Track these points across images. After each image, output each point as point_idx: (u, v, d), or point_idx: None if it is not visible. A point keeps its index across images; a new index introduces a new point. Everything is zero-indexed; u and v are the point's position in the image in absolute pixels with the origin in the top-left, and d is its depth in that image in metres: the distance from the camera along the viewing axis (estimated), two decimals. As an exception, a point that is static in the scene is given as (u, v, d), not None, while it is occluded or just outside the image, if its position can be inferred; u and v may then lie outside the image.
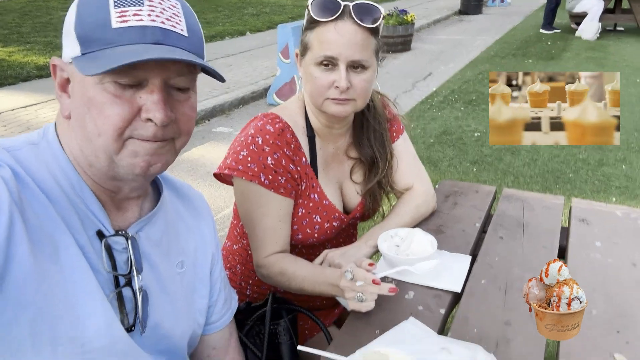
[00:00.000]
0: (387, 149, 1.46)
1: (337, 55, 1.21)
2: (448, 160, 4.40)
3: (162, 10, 0.79)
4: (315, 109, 1.34)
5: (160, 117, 0.77)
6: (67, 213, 0.80)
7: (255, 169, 1.28)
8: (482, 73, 7.41)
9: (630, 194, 3.77)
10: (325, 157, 1.41)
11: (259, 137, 1.29)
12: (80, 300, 0.78)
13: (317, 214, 1.37)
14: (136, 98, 0.78)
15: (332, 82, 1.23)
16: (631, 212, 1.59)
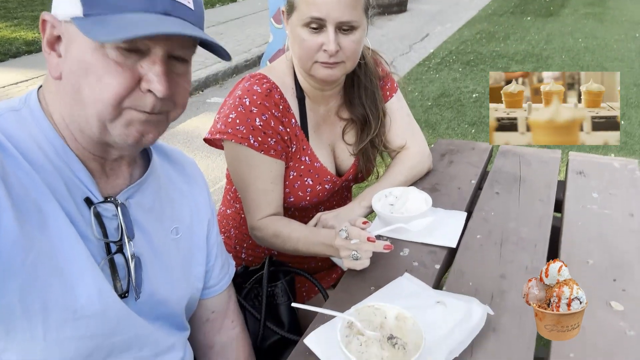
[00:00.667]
0: (379, 107, 1.43)
1: (325, 16, 1.16)
2: (446, 122, 4.37)
3: None
4: (301, 71, 1.31)
5: (162, 90, 0.75)
6: (53, 180, 0.78)
7: (244, 131, 1.25)
8: (480, 32, 7.28)
9: (629, 150, 3.75)
10: (316, 119, 1.39)
11: (246, 98, 1.26)
12: (70, 267, 0.77)
13: (308, 176, 1.35)
14: (137, 67, 0.75)
15: (320, 45, 1.19)
16: (628, 163, 1.57)
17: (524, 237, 1.23)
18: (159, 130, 0.83)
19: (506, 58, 6.06)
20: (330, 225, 1.29)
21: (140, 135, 0.79)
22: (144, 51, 0.75)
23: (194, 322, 1.11)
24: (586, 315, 0.95)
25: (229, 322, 1.14)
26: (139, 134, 0.79)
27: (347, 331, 0.89)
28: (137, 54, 0.75)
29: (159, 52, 0.75)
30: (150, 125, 0.80)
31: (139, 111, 0.77)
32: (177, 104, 0.83)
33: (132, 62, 0.75)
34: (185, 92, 0.84)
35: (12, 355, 0.75)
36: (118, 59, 0.74)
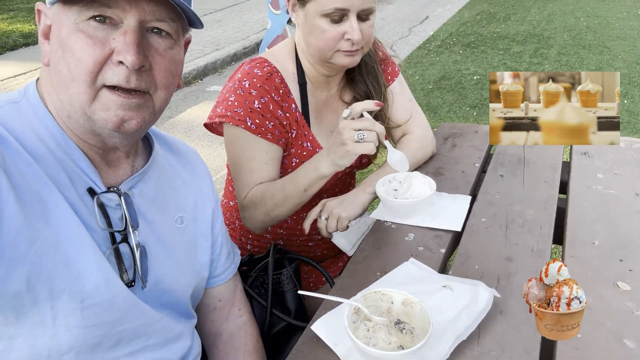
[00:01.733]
0: (381, 82, 1.42)
1: (349, 6, 1.16)
2: (448, 105, 4.34)
3: None
4: (319, 60, 1.29)
5: (131, 59, 0.74)
6: (54, 171, 0.78)
7: (242, 113, 1.24)
8: (480, 14, 7.21)
9: (633, 128, 3.73)
10: (318, 105, 1.38)
11: (246, 80, 1.26)
12: (76, 256, 0.77)
13: None
14: (109, 40, 0.75)
15: (342, 34, 1.19)
16: (634, 142, 1.55)
17: (529, 219, 1.23)
18: (142, 116, 0.81)
19: (507, 39, 6.00)
20: (336, 212, 1.28)
21: (119, 120, 0.78)
22: (116, 22, 0.76)
23: (201, 310, 1.11)
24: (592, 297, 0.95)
25: (236, 310, 1.15)
26: (118, 118, 0.78)
27: (355, 317, 0.89)
28: (109, 26, 0.75)
29: (130, 22, 0.76)
30: (131, 110, 0.79)
31: (115, 92, 0.77)
32: (158, 84, 0.81)
33: (104, 35, 0.75)
34: (168, 72, 0.82)
35: (22, 341, 0.75)
36: (89, 32, 0.75)
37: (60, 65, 0.77)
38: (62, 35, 0.76)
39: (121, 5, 0.74)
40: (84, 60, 0.75)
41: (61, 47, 0.76)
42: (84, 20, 0.75)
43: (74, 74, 0.76)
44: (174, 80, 0.86)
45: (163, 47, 0.80)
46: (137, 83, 0.78)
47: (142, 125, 0.82)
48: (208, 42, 6.14)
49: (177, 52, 0.84)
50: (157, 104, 0.83)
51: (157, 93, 0.82)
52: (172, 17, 0.80)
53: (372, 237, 1.21)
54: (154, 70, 0.80)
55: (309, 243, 1.51)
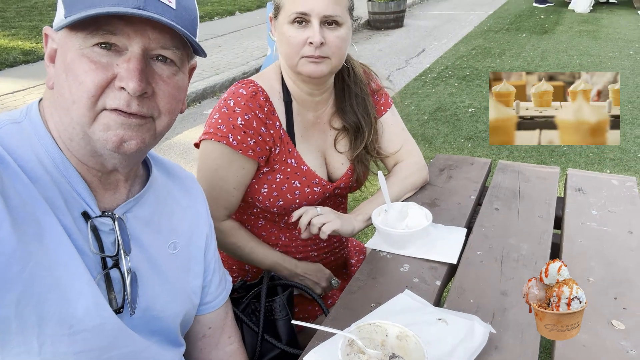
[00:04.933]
0: (371, 114, 1.45)
1: (309, 10, 1.20)
2: (443, 136, 4.38)
3: None
4: (294, 75, 1.32)
5: (133, 86, 0.75)
6: (51, 193, 0.78)
7: (225, 130, 1.26)
8: (476, 48, 7.35)
9: (624, 166, 3.77)
10: (304, 124, 1.39)
11: (231, 99, 1.28)
12: (67, 281, 0.77)
13: (295, 179, 1.35)
14: (113, 65, 0.76)
15: (305, 39, 1.22)
16: (627, 180, 1.57)
17: (524, 253, 1.23)
18: (143, 137, 0.80)
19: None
20: (332, 216, 1.31)
21: (119, 140, 0.78)
22: (121, 49, 0.76)
23: (190, 338, 1.09)
24: (588, 334, 0.95)
25: (226, 337, 1.13)
26: (118, 138, 0.78)
27: (348, 349, 0.88)
28: (114, 53, 0.76)
29: (135, 49, 0.76)
30: (131, 130, 0.78)
31: (116, 112, 0.77)
32: (162, 110, 0.82)
33: (108, 60, 0.76)
34: (171, 97, 0.82)
35: None
36: (93, 58, 0.75)
37: (64, 89, 0.77)
38: (67, 59, 0.77)
39: (126, 32, 0.75)
40: (86, 83, 0.75)
41: (65, 71, 0.77)
42: (89, 46, 0.75)
43: (75, 97, 0.76)
44: (178, 105, 0.86)
45: (167, 74, 0.81)
46: (138, 108, 0.78)
47: (141, 147, 0.81)
48: (208, 66, 6.21)
49: (181, 78, 0.85)
50: (159, 127, 0.83)
51: (160, 118, 0.83)
52: (176, 46, 0.80)
53: (367, 267, 1.20)
54: (157, 96, 0.80)
55: (306, 261, 1.50)
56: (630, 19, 8.97)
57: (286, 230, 1.44)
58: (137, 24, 0.76)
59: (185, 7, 0.81)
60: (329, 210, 1.34)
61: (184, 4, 0.81)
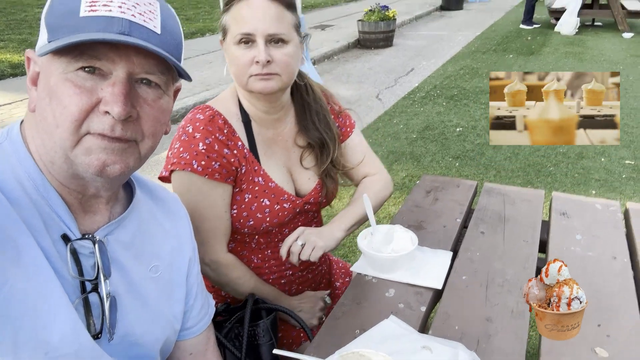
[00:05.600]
0: (333, 129, 1.46)
1: (253, 30, 1.21)
2: (431, 155, 4.41)
3: (135, 5, 0.77)
4: (247, 94, 1.34)
5: (117, 111, 0.74)
6: (30, 215, 0.76)
7: (188, 157, 1.26)
8: (463, 68, 7.45)
9: (610, 187, 3.81)
10: (266, 142, 1.40)
11: (189, 126, 1.28)
12: (44, 305, 0.75)
13: (264, 197, 1.35)
14: (97, 90, 0.75)
15: (252, 58, 1.23)
16: (610, 204, 1.59)
17: (509, 278, 1.23)
18: (126, 161, 0.80)
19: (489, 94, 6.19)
20: (313, 240, 1.30)
21: (101, 165, 0.77)
22: (105, 73, 0.76)
23: (171, 364, 1.07)
24: (573, 363, 0.94)
25: (207, 363, 1.11)
26: (100, 162, 0.77)
27: (331, 378, 0.87)
28: (98, 77, 0.76)
29: (119, 73, 0.76)
30: (114, 155, 0.78)
31: (99, 136, 0.76)
32: (145, 133, 0.81)
33: (92, 84, 0.75)
34: (156, 121, 0.82)
35: None
36: (77, 82, 0.74)
37: (46, 113, 0.76)
38: (50, 83, 0.76)
39: (111, 57, 0.75)
40: (70, 108, 0.74)
41: (48, 95, 0.76)
42: (72, 70, 0.75)
43: (59, 121, 0.75)
44: (162, 128, 0.86)
45: (152, 98, 0.81)
46: (122, 132, 0.77)
47: (125, 171, 0.80)
48: (198, 82, 6.22)
49: (166, 101, 0.85)
50: (143, 151, 0.83)
51: (144, 141, 0.82)
52: (161, 70, 0.80)
53: (352, 292, 1.19)
54: (141, 119, 0.80)
55: (281, 280, 1.48)
56: (615, 41, 9.17)
57: (258, 251, 1.43)
58: (122, 49, 0.75)
59: (170, 32, 0.81)
60: (307, 233, 1.32)
61: (169, 29, 0.81)
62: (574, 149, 4.49)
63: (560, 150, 4.47)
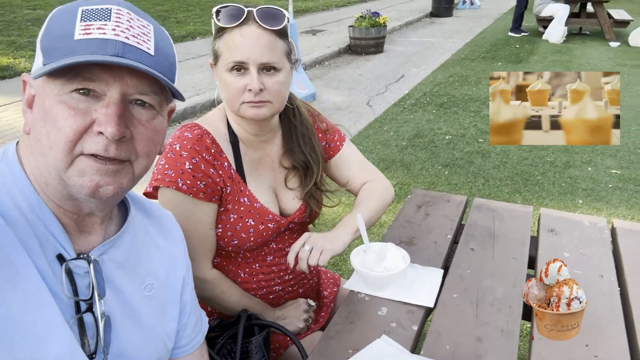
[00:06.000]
0: (318, 152, 1.48)
1: (246, 59, 1.22)
2: (420, 163, 4.44)
3: (128, 27, 0.79)
4: (237, 118, 1.35)
5: (111, 131, 0.75)
6: (26, 236, 0.77)
7: (173, 175, 1.27)
8: (453, 76, 7.52)
9: (596, 196, 3.87)
10: (253, 163, 1.41)
11: (176, 144, 1.29)
12: (40, 326, 0.76)
13: (249, 217, 1.36)
14: (91, 111, 0.76)
15: (244, 85, 1.24)
16: (598, 221, 1.62)
17: (499, 297, 1.25)
18: (120, 182, 0.81)
19: (478, 102, 6.25)
20: (321, 244, 1.31)
21: (95, 186, 0.78)
22: (99, 95, 0.77)
23: (163, 382, 1.07)
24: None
25: (200, 382, 1.11)
26: (93, 184, 0.78)
27: (325, 401, 0.88)
28: (93, 98, 0.76)
29: (113, 94, 0.77)
30: (108, 176, 0.79)
31: (92, 158, 0.77)
32: (139, 153, 0.82)
33: (87, 106, 0.76)
34: (150, 141, 0.83)
35: None
36: (72, 104, 0.75)
37: (41, 135, 0.77)
38: (45, 105, 0.77)
39: (104, 79, 0.76)
40: (64, 129, 0.75)
41: (43, 117, 0.77)
42: (67, 92, 0.76)
43: (53, 142, 0.76)
44: (156, 148, 0.87)
45: (145, 118, 0.82)
46: (116, 153, 0.78)
47: (118, 191, 0.81)
48: (189, 86, 6.20)
49: (160, 122, 0.86)
50: (137, 171, 0.84)
51: (137, 161, 0.83)
52: (155, 91, 0.81)
53: (346, 310, 1.21)
54: (135, 140, 0.81)
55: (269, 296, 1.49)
56: (602, 50, 9.32)
57: (244, 265, 1.44)
58: (116, 70, 0.77)
59: (163, 53, 0.82)
60: (314, 237, 1.33)
61: (162, 51, 0.82)
62: (560, 157, 4.56)
63: (548, 159, 4.53)
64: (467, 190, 3.94)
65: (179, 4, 12.68)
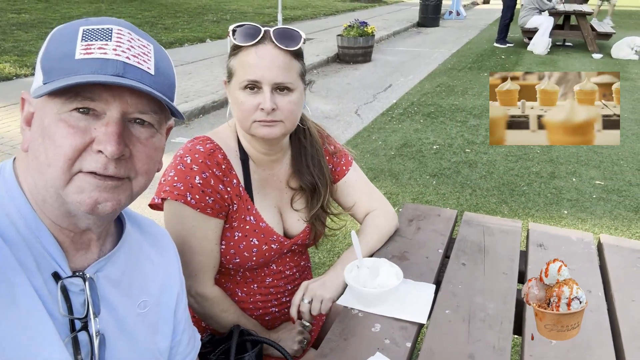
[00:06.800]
0: (326, 174, 1.49)
1: (260, 78, 1.23)
2: (409, 172, 4.48)
3: (129, 47, 0.79)
4: (248, 136, 1.35)
5: (111, 150, 0.76)
6: (22, 254, 0.77)
7: (182, 188, 1.26)
8: (440, 85, 7.61)
9: (581, 207, 3.94)
10: (261, 182, 1.42)
11: (187, 156, 1.29)
12: (36, 345, 0.76)
13: (254, 236, 1.36)
14: (91, 130, 0.77)
15: (257, 104, 1.24)
16: (584, 236, 1.65)
17: (491, 313, 1.27)
18: (118, 198, 0.81)
19: (464, 112, 6.33)
20: (320, 294, 1.32)
21: (93, 203, 0.78)
22: (99, 114, 0.77)
23: (156, 402, 1.07)
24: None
25: (194, 399, 1.11)
26: (92, 201, 0.78)
27: (321, 421, 0.88)
28: (92, 117, 0.77)
29: (113, 113, 0.78)
30: (106, 192, 0.79)
31: (91, 175, 0.77)
32: (139, 171, 0.83)
33: (86, 125, 0.77)
34: (149, 159, 0.84)
35: None
36: (71, 122, 0.76)
37: (39, 152, 0.78)
38: (44, 123, 0.77)
39: (105, 98, 0.77)
40: (63, 147, 0.76)
41: (42, 135, 0.77)
42: (67, 111, 0.76)
43: (52, 160, 0.76)
44: (155, 166, 0.87)
45: (145, 136, 0.82)
46: (115, 171, 0.79)
47: (117, 208, 0.82)
48: (177, 93, 6.16)
49: (159, 140, 0.86)
50: (135, 188, 0.84)
51: (136, 179, 0.84)
52: (154, 110, 0.82)
53: (340, 327, 1.21)
54: (134, 158, 0.82)
55: (265, 317, 1.49)
56: (585, 62, 9.52)
57: (243, 285, 1.44)
58: (116, 89, 0.77)
59: (163, 73, 0.83)
60: (311, 288, 1.35)
61: (162, 70, 0.83)
62: (546, 168, 4.63)
63: (534, 169, 4.60)
64: (455, 201, 3.97)
65: (166, 10, 12.65)
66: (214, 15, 12.72)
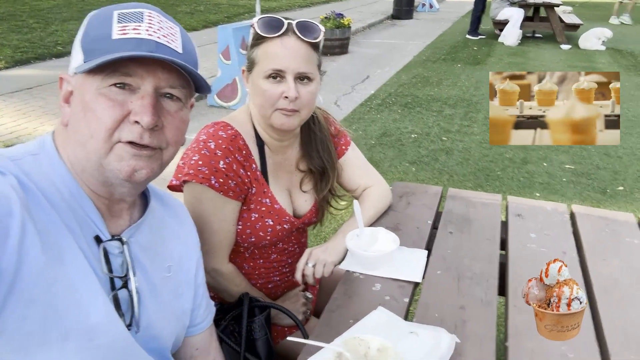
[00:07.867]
0: (333, 157, 1.59)
1: (285, 67, 1.30)
2: (389, 160, 4.62)
3: (159, 28, 0.89)
4: (264, 124, 1.43)
5: (147, 120, 0.85)
6: (68, 218, 0.86)
7: (207, 172, 1.34)
8: (416, 77, 7.77)
9: (552, 189, 4.15)
10: (274, 166, 1.51)
11: (211, 141, 1.36)
12: (85, 299, 0.84)
13: (269, 217, 1.46)
14: (128, 103, 0.86)
15: (281, 93, 1.31)
16: (558, 207, 1.81)
17: (477, 272, 1.40)
18: (152, 167, 0.90)
19: (440, 102, 6.51)
20: (323, 258, 1.43)
21: (131, 170, 0.87)
22: (134, 88, 0.87)
23: (178, 358, 1.16)
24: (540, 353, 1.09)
25: (211, 358, 1.21)
26: (130, 168, 0.87)
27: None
28: (128, 91, 0.86)
29: (147, 87, 0.87)
30: (142, 160, 0.88)
31: (129, 145, 0.86)
32: (169, 141, 0.92)
33: (123, 98, 0.86)
34: (178, 130, 0.93)
35: None
36: (110, 95, 0.85)
37: (80, 125, 0.86)
38: (85, 99, 0.86)
39: (140, 73, 0.86)
40: (103, 119, 0.85)
41: (83, 110, 0.86)
42: (106, 86, 0.85)
43: (94, 131, 0.85)
44: (182, 137, 0.97)
45: (174, 109, 0.92)
46: (149, 140, 0.88)
47: (150, 176, 0.91)
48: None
49: (185, 113, 0.96)
50: (165, 157, 0.94)
51: (167, 149, 0.93)
52: (182, 85, 0.92)
53: (343, 287, 1.33)
54: (165, 129, 0.91)
55: (268, 285, 1.60)
56: (554, 52, 9.83)
57: (250, 260, 1.54)
58: (150, 65, 0.87)
59: (189, 53, 0.93)
60: (315, 253, 1.45)
61: (188, 50, 0.93)
62: (519, 154, 4.84)
63: (507, 155, 4.80)
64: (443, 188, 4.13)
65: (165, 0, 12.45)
66: (188, 7, 12.61)
